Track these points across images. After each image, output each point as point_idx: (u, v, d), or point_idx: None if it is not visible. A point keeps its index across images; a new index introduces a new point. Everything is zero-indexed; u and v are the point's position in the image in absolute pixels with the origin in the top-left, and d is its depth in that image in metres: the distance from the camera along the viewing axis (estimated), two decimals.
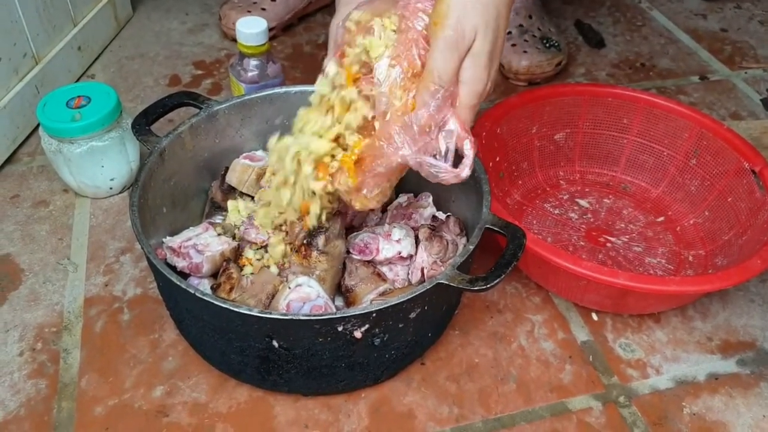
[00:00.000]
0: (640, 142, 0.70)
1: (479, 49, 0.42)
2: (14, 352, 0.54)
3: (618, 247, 0.64)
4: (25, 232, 0.64)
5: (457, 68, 0.42)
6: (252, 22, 0.67)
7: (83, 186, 0.66)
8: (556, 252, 0.51)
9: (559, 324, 0.58)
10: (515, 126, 0.67)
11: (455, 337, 0.56)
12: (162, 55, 0.89)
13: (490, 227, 0.48)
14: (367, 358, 0.48)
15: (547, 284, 0.59)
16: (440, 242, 0.54)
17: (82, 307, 0.58)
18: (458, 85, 0.43)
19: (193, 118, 0.57)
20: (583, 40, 0.96)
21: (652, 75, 0.91)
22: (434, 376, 0.53)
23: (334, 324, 0.43)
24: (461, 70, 0.42)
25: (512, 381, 0.53)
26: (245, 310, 0.43)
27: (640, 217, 0.68)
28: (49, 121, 0.62)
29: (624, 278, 0.50)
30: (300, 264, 0.51)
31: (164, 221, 0.55)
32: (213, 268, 0.54)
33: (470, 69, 0.42)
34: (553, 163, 0.71)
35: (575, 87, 0.70)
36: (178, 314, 0.51)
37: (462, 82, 0.43)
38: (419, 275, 0.55)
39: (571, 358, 0.55)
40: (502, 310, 0.59)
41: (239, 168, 0.59)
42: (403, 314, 0.45)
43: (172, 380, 0.52)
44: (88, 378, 0.52)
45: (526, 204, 0.68)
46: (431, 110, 0.42)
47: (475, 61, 0.42)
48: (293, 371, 0.47)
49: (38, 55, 0.75)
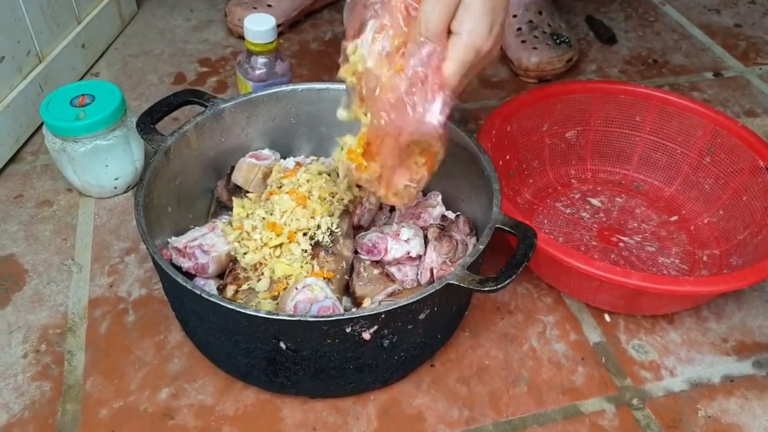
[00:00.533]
0: (652, 140, 0.68)
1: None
2: (18, 354, 0.53)
3: (631, 247, 0.63)
4: (28, 232, 0.64)
5: (446, 19, 0.39)
6: (260, 20, 0.66)
7: (87, 185, 0.65)
8: (568, 252, 0.50)
9: (571, 325, 0.57)
10: (525, 124, 0.66)
11: (465, 339, 0.55)
12: (167, 53, 0.88)
13: (501, 227, 0.47)
14: (376, 360, 0.47)
15: (559, 285, 0.58)
16: (450, 242, 0.53)
17: (86, 308, 0.57)
18: (451, 39, 0.40)
19: (199, 117, 0.57)
20: (594, 36, 0.95)
21: (665, 71, 0.89)
22: (444, 378, 0.52)
23: (343, 325, 0.42)
24: (454, 21, 0.39)
25: (523, 383, 0.52)
26: (252, 311, 0.42)
27: (653, 217, 0.66)
28: (53, 119, 0.61)
29: (637, 278, 0.49)
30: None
31: (169, 221, 0.55)
32: (219, 269, 0.53)
33: (464, 21, 0.39)
34: (565, 161, 0.70)
35: (587, 84, 0.69)
36: (184, 315, 0.50)
37: (458, 34, 0.40)
38: (428, 276, 0.54)
39: (584, 360, 0.54)
40: (513, 311, 0.58)
41: (245, 167, 0.59)
42: (413, 315, 0.44)
43: (177, 382, 0.52)
44: (93, 380, 0.52)
45: (536, 203, 0.67)
46: (417, 65, 0.39)
47: (469, 11, 0.39)
48: (301, 373, 0.47)
49: (42, 53, 0.74)
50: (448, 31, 0.40)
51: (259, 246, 0.52)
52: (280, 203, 0.53)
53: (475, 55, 0.41)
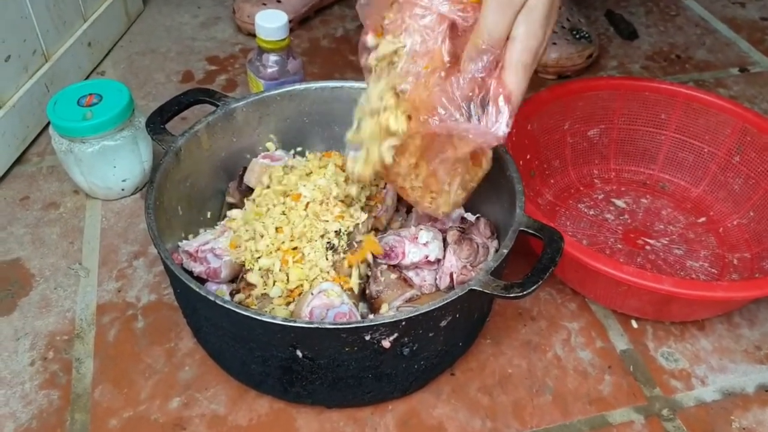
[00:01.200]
0: (678, 139, 0.66)
1: (535, 3, 0.38)
2: (25, 362, 0.52)
3: (657, 250, 0.61)
4: (35, 235, 0.62)
5: (509, 25, 0.38)
6: (272, 16, 0.64)
7: (94, 187, 0.64)
8: (595, 256, 0.48)
9: (596, 332, 0.55)
10: (546, 122, 0.64)
11: (487, 347, 0.53)
12: (174, 51, 0.86)
13: (525, 230, 0.45)
14: (396, 369, 0.45)
15: (584, 290, 0.56)
16: (470, 245, 0.51)
17: (94, 314, 0.55)
18: (507, 45, 0.39)
19: (210, 116, 0.55)
20: (614, 31, 0.92)
21: (689, 67, 0.86)
22: (465, 387, 0.50)
23: (362, 333, 0.40)
24: (514, 27, 0.38)
25: (548, 393, 0.50)
26: (268, 317, 0.40)
27: (680, 218, 0.64)
28: (60, 119, 0.59)
29: (669, 284, 0.46)
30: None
31: (180, 224, 0.53)
32: (231, 274, 0.51)
33: (524, 24, 0.38)
34: (587, 160, 0.68)
35: (610, 80, 0.66)
36: (196, 322, 0.48)
37: (513, 39, 0.38)
38: (448, 281, 0.51)
39: (611, 369, 0.52)
40: (535, 318, 0.55)
41: (258, 168, 0.57)
42: (434, 322, 0.42)
43: (189, 391, 0.50)
44: (102, 389, 0.50)
45: (558, 204, 0.65)
46: (476, 72, 0.38)
47: (531, 16, 0.38)
48: (317, 382, 0.45)
49: (48, 52, 0.73)
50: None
51: (272, 250, 0.50)
52: (294, 207, 0.51)
53: (533, 59, 0.39)
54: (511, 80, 0.39)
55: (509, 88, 0.39)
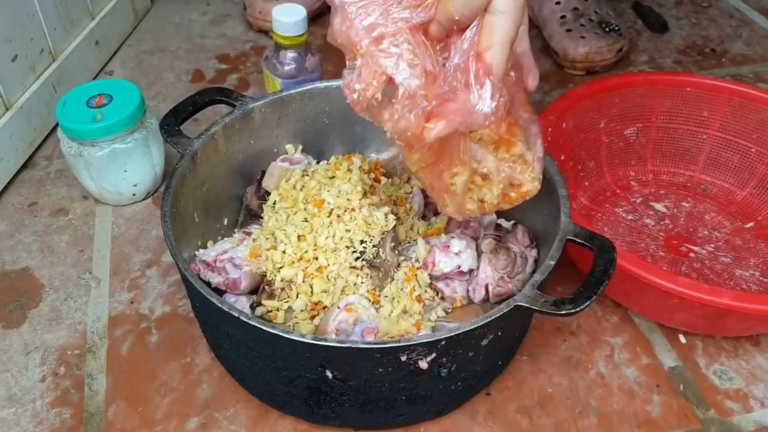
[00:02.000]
0: (722, 138, 0.62)
1: None
2: (36, 378, 0.49)
3: (703, 258, 0.57)
4: (43, 243, 0.59)
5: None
6: (290, 10, 0.60)
7: (105, 192, 0.61)
8: (647, 267, 0.44)
9: (642, 347, 0.51)
10: (581, 120, 0.60)
11: (524, 364, 0.49)
12: (183, 49, 0.83)
13: (572, 239, 0.41)
14: (431, 391, 0.41)
15: (628, 302, 0.52)
16: (507, 255, 0.48)
17: (106, 326, 0.52)
18: (488, 19, 0.34)
19: (227, 117, 0.52)
20: (642, 24, 0.88)
21: (725, 61, 0.82)
22: (502, 408, 0.47)
23: (398, 353, 0.37)
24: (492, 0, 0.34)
25: (592, 414, 0.47)
26: (297, 336, 0.37)
27: (725, 223, 0.60)
28: (69, 121, 0.56)
29: (729, 297, 0.42)
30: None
31: (196, 232, 0.50)
32: (252, 285, 0.48)
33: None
34: (623, 161, 0.64)
35: (648, 75, 0.62)
36: (217, 338, 0.45)
37: (496, 12, 0.34)
38: (483, 293, 0.48)
39: (659, 387, 0.48)
40: (575, 332, 0.52)
41: (277, 172, 0.53)
42: (475, 341, 0.39)
43: (207, 411, 0.47)
44: (116, 407, 0.47)
45: (594, 209, 0.61)
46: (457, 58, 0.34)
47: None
48: (347, 404, 0.41)
49: (55, 51, 0.70)
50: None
51: (294, 260, 0.47)
52: (317, 214, 0.48)
53: (515, 33, 0.35)
54: (497, 58, 0.34)
55: (493, 66, 0.34)
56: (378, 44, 0.33)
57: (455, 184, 0.41)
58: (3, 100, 0.63)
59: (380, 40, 0.33)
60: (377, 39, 0.33)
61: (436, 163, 0.41)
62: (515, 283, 0.47)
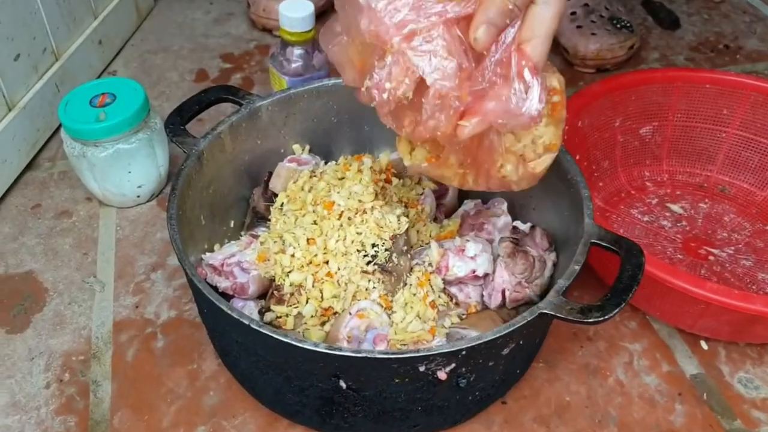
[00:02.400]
0: (742, 136, 0.60)
1: None
2: (40, 384, 0.48)
3: (723, 261, 0.55)
4: (47, 246, 0.58)
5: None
6: (297, 5, 0.59)
7: (108, 194, 0.60)
8: (673, 272, 0.43)
9: (662, 354, 0.49)
10: (597, 118, 0.58)
11: (540, 371, 0.48)
12: (186, 48, 0.82)
13: (597, 242, 0.40)
14: (448, 401, 0.40)
15: (648, 307, 0.50)
16: (525, 259, 0.46)
17: (111, 332, 0.51)
18: (532, 10, 0.33)
19: (234, 116, 0.50)
20: (653, 21, 0.86)
21: (740, 58, 0.80)
22: (518, 417, 0.45)
23: (416, 363, 0.36)
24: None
25: (612, 424, 0.45)
26: (310, 345, 0.35)
27: (745, 225, 0.58)
28: (72, 121, 0.55)
29: (762, 304, 0.41)
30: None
31: (202, 235, 0.48)
32: (260, 289, 0.47)
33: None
34: (638, 161, 0.62)
35: (666, 72, 0.60)
36: (225, 345, 0.44)
37: (539, 3, 0.32)
38: (500, 299, 0.46)
39: (681, 396, 0.47)
40: (592, 338, 0.50)
41: (284, 173, 0.52)
42: (496, 351, 0.37)
43: (215, 419, 0.45)
44: (122, 415, 0.46)
45: (609, 210, 0.59)
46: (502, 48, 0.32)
47: None
48: (360, 414, 0.40)
49: (58, 51, 0.69)
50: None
51: (304, 264, 0.45)
52: (326, 216, 0.47)
53: (557, 26, 0.33)
54: (538, 51, 0.33)
55: (535, 59, 0.33)
56: (410, 41, 0.32)
57: (507, 173, 0.38)
58: (6, 100, 0.61)
59: (412, 37, 0.32)
60: (408, 36, 0.32)
61: (476, 164, 0.39)
62: (533, 288, 0.46)
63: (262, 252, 0.47)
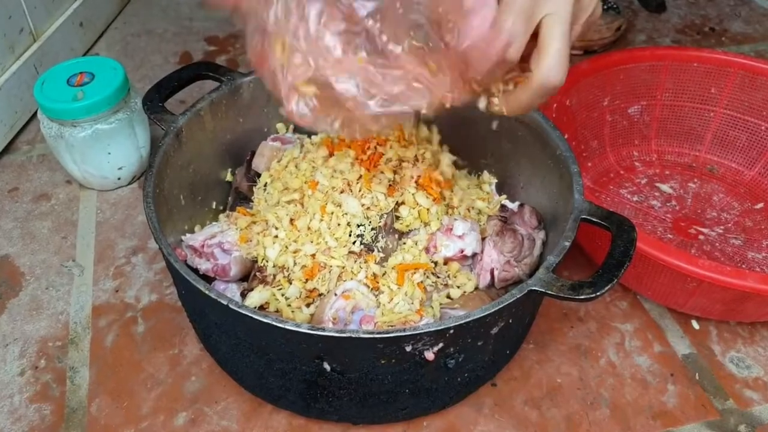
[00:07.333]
0: (730, 115, 0.60)
1: None
2: (14, 371, 0.46)
3: (712, 240, 0.55)
4: (25, 229, 0.56)
5: None
6: None
7: (88, 176, 0.58)
8: (665, 249, 0.42)
9: (653, 334, 0.49)
10: (585, 98, 0.58)
11: (530, 352, 0.47)
12: (171, 31, 0.81)
13: (588, 218, 0.39)
14: (436, 383, 0.39)
15: (639, 286, 0.50)
16: (514, 237, 0.45)
17: (90, 316, 0.50)
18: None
19: (214, 93, 0.48)
20: (639, 4, 0.86)
21: (725, 40, 0.80)
22: (509, 400, 0.44)
23: (402, 343, 0.34)
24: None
25: (604, 405, 0.44)
26: (292, 326, 0.34)
27: (734, 204, 0.58)
28: (48, 101, 0.53)
29: (754, 280, 0.40)
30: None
31: (182, 215, 0.47)
32: (242, 271, 0.45)
33: None
34: (627, 141, 0.61)
35: (655, 51, 0.60)
36: (205, 328, 0.42)
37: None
38: (488, 278, 0.46)
39: (673, 377, 0.46)
40: (583, 319, 0.50)
41: (268, 152, 0.51)
42: (485, 330, 0.36)
43: (196, 405, 0.44)
44: (99, 402, 0.44)
45: (598, 190, 0.59)
46: None
47: None
48: (345, 398, 0.39)
49: (36, 31, 0.67)
50: None
51: (287, 244, 0.44)
52: (311, 196, 0.45)
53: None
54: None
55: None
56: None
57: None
58: None
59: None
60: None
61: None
62: (522, 267, 0.45)
63: (245, 233, 0.46)
